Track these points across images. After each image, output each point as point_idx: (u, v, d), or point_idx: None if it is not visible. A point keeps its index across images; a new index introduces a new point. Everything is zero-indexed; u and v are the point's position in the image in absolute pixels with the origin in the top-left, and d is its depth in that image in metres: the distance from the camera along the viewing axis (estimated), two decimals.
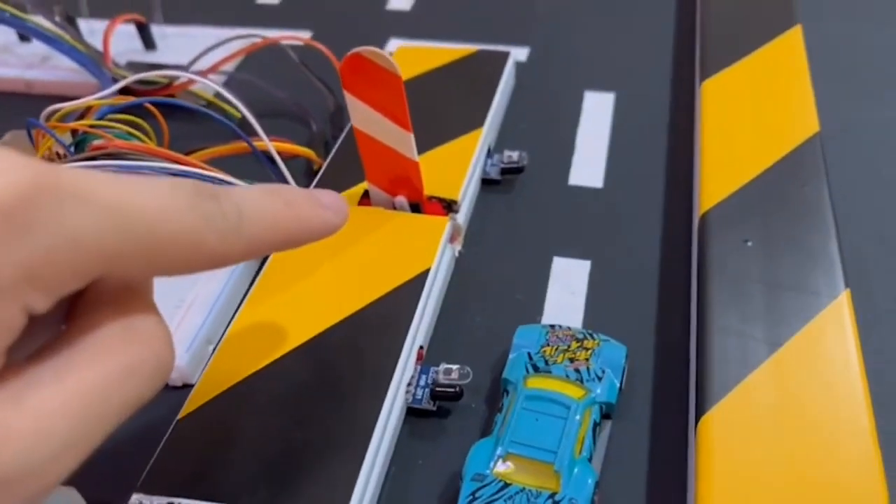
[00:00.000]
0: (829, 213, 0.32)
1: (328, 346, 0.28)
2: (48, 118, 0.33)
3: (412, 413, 0.29)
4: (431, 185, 0.34)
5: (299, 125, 0.42)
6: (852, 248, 0.33)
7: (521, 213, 0.37)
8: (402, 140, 0.31)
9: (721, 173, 0.34)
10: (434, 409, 0.28)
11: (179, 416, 0.26)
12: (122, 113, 0.33)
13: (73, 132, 0.33)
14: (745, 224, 0.32)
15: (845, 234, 0.31)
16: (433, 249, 0.32)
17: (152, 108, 0.35)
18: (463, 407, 0.29)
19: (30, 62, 0.47)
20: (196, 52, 0.44)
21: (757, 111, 0.37)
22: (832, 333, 0.27)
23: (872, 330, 0.30)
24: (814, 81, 0.39)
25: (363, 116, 0.31)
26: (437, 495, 0.26)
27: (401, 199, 0.33)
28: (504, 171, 0.38)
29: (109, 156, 0.32)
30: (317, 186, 0.35)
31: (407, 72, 0.39)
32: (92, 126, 0.32)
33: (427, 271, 0.31)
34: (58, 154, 0.33)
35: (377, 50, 0.29)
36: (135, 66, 0.45)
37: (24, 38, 0.48)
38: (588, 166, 0.40)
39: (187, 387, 0.30)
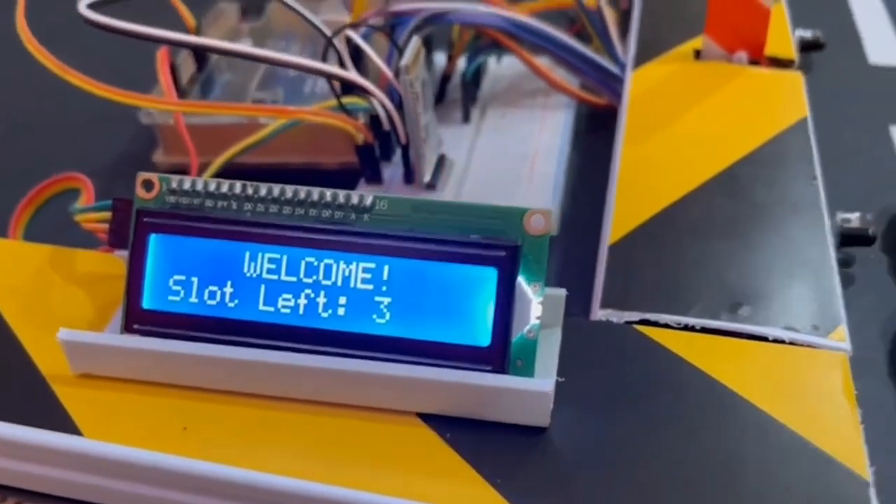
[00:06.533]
0: None
1: (735, 185, 0.26)
2: None
3: None
4: None
5: None
6: None
7: (832, 89, 0.35)
8: None
9: None
10: (840, 256, 0.26)
11: (610, 242, 0.24)
12: None
13: None
14: None
15: None
16: (800, 100, 0.29)
17: None
18: (858, 256, 0.27)
19: None
20: None
21: None
22: None
23: None
24: None
25: None
26: (876, 337, 0.24)
27: (741, 55, 0.31)
28: (801, 49, 0.36)
29: None
30: (639, 47, 0.33)
31: None
32: None
33: (805, 119, 0.29)
34: None
35: None
36: None
37: None
38: (884, 47, 0.38)
39: None
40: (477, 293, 0.18)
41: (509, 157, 0.30)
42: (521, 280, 0.19)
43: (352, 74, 0.26)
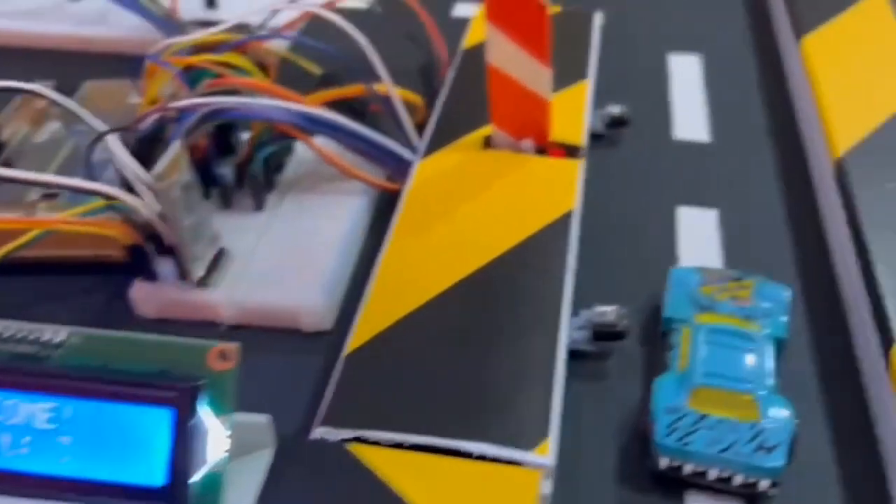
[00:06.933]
0: None
1: (484, 285, 0.27)
2: (161, 54, 0.31)
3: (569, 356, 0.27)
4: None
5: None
6: None
7: (631, 166, 0.36)
8: (539, 77, 0.30)
9: (849, 119, 0.33)
10: (594, 350, 0.27)
11: (347, 351, 0.24)
12: (234, 52, 0.32)
13: (188, 68, 0.31)
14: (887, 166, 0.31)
15: None
16: (571, 191, 0.30)
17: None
18: (616, 349, 0.28)
19: (85, 19, 0.45)
20: (256, 12, 0.41)
21: (870, 62, 0.37)
22: None
23: None
24: None
25: (502, 52, 0.30)
26: (611, 435, 0.25)
27: (527, 143, 0.32)
28: (609, 125, 0.38)
29: (226, 92, 0.31)
30: (434, 134, 0.33)
31: None
32: (213, 62, 0.31)
33: (570, 213, 0.30)
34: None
35: None
36: (200, 24, 0.43)
37: None
38: (690, 122, 0.39)
39: (320, 334, 0.28)
40: (154, 433, 0.19)
41: (296, 247, 0.30)
42: (205, 415, 0.19)
43: (102, 186, 0.26)
